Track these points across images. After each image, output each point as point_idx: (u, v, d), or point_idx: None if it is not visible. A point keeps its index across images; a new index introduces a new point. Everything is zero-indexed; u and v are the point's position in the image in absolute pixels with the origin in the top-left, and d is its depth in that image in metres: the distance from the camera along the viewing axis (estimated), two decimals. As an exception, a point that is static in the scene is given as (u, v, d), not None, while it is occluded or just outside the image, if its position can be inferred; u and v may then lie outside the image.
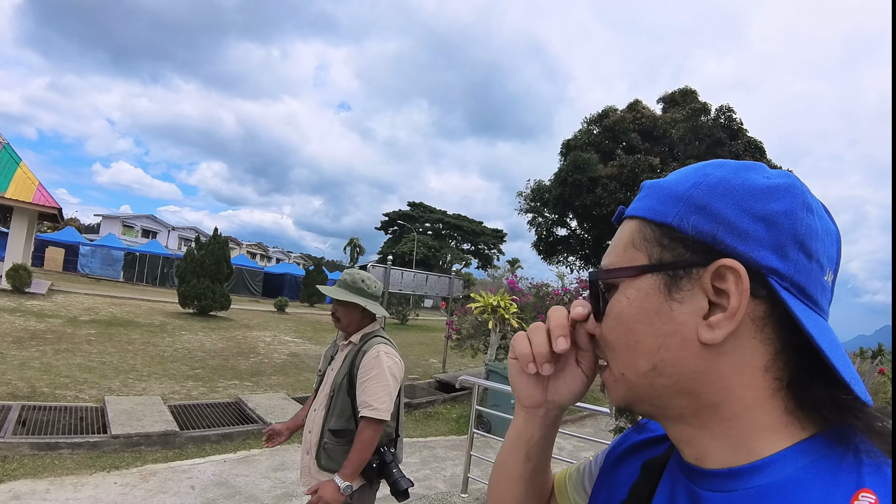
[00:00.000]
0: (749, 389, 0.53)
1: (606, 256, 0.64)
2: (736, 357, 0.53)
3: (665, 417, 0.60)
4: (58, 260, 31.29)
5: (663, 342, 0.55)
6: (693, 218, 0.54)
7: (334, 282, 3.02)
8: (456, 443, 7.26)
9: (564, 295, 11.51)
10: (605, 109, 28.89)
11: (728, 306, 0.51)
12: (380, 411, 2.51)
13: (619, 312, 0.59)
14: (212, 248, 17.99)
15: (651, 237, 0.57)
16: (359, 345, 2.73)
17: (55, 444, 5.21)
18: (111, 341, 11.09)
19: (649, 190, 0.61)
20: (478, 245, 69.51)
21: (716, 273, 0.52)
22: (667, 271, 0.55)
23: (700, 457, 0.57)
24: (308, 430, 2.76)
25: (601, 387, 0.66)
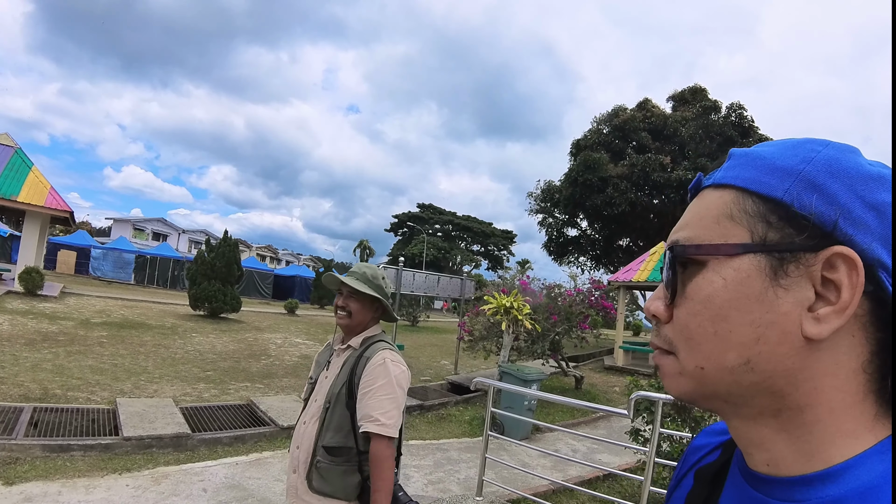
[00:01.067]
0: (839, 392, 0.48)
1: (686, 228, 0.55)
2: (831, 355, 0.47)
3: (737, 416, 0.53)
4: (70, 263, 31.53)
5: (762, 334, 0.48)
6: (808, 196, 0.48)
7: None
8: (469, 445, 7.20)
9: (577, 296, 11.44)
10: (614, 109, 28.83)
11: (838, 299, 0.46)
12: (388, 427, 2.20)
13: (710, 296, 0.50)
14: (222, 250, 18.04)
15: (754, 211, 0.50)
16: (359, 350, 2.42)
17: (67, 446, 5.18)
18: (123, 343, 11.11)
19: (744, 158, 0.54)
20: (488, 246, 69.50)
21: (827, 261, 0.46)
22: (773, 253, 0.48)
23: (773, 462, 0.51)
24: (296, 446, 2.40)
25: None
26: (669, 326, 0.55)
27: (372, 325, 2.54)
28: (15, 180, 16.80)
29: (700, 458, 0.71)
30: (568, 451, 7.44)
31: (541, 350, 10.75)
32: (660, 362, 0.57)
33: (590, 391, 12.21)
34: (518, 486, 5.40)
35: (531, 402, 7.85)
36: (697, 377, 0.52)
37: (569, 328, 11.20)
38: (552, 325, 10.87)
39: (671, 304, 0.55)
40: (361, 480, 2.25)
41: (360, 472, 2.25)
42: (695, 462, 0.71)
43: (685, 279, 0.53)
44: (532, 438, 7.99)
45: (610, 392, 12.74)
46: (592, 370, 16.29)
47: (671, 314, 0.55)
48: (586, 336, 11.64)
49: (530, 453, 6.91)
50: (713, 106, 26.84)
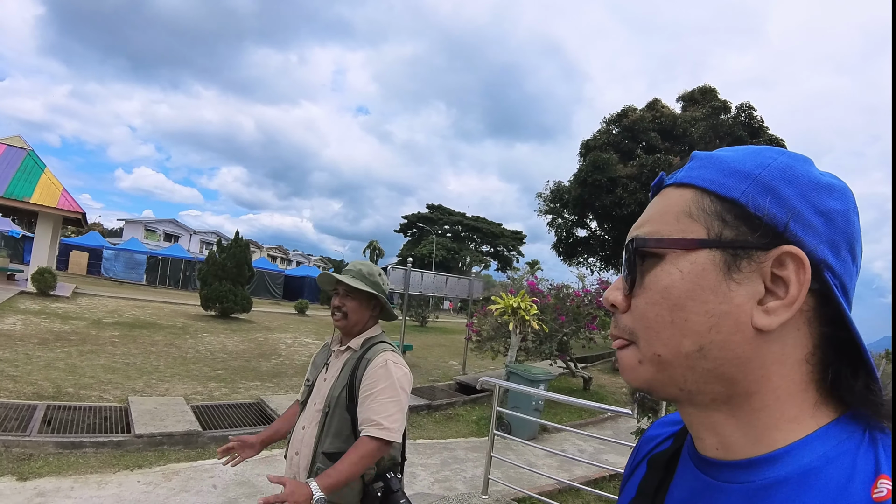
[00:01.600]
0: (784, 380, 0.52)
1: (648, 224, 0.59)
2: (779, 347, 0.51)
3: (691, 403, 0.57)
4: (82, 264, 31.76)
5: (716, 323, 0.52)
6: (763, 199, 0.52)
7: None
8: (476, 444, 7.23)
9: (585, 297, 11.45)
10: (623, 109, 28.71)
11: (786, 294, 0.50)
12: (391, 431, 2.10)
13: (668, 286, 0.54)
14: (233, 251, 18.15)
15: (711, 210, 0.54)
16: (360, 351, 2.33)
17: (80, 443, 5.27)
18: (134, 343, 11.21)
19: (705, 160, 0.58)
20: (497, 247, 69.32)
21: (777, 259, 0.50)
22: (728, 249, 0.52)
23: (723, 446, 0.55)
24: (294, 451, 2.29)
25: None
26: (628, 316, 0.58)
27: (371, 325, 2.46)
28: (28, 182, 16.98)
29: (653, 448, 0.74)
30: (574, 451, 7.46)
31: (549, 350, 10.77)
32: (620, 354, 0.60)
33: (598, 392, 12.20)
34: (524, 486, 5.42)
35: (538, 403, 7.87)
36: (655, 364, 0.55)
37: (577, 329, 11.22)
38: (560, 325, 10.88)
39: (629, 294, 0.58)
40: (363, 485, 2.17)
41: (362, 476, 2.16)
42: (648, 451, 0.75)
43: (644, 271, 0.56)
44: (539, 438, 8.01)
45: (618, 393, 12.71)
46: (601, 371, 16.27)
47: (629, 304, 0.58)
48: (594, 337, 11.66)
49: (537, 453, 6.93)
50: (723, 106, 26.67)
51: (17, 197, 16.44)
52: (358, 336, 2.40)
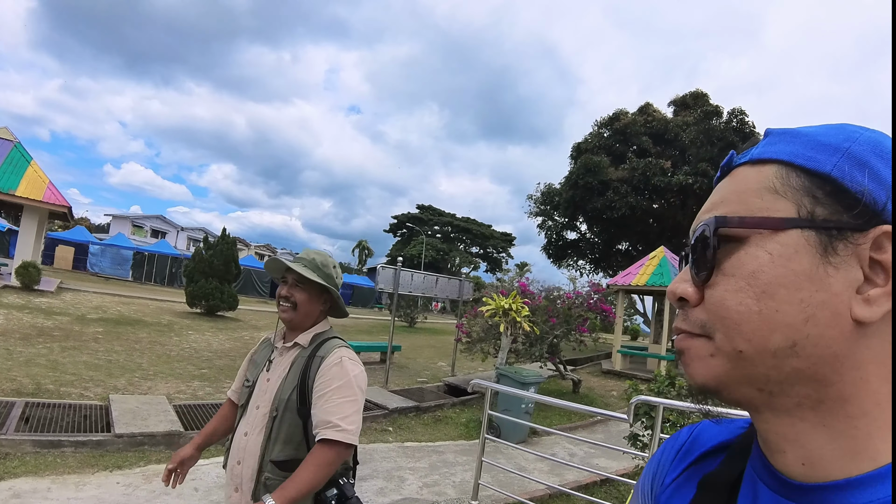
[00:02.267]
0: (885, 382, 0.44)
1: (723, 205, 0.51)
2: (879, 342, 0.44)
3: (771, 408, 0.48)
4: (67, 258, 31.45)
5: (812, 314, 0.44)
6: (859, 173, 0.45)
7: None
8: (465, 448, 7.14)
9: (576, 298, 11.41)
10: (615, 112, 28.83)
11: (887, 281, 0.43)
12: (350, 433, 1.94)
13: (755, 271, 0.46)
14: (220, 248, 18.00)
15: (800, 185, 0.47)
16: (310, 349, 2.15)
17: (58, 442, 5.12)
18: (118, 340, 11.05)
19: (784, 135, 0.51)
20: (487, 248, 69.53)
21: (875, 241, 0.44)
22: (821, 229, 0.45)
23: (810, 461, 0.46)
24: (236, 461, 2.08)
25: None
26: (701, 309, 0.50)
27: (321, 321, 2.28)
28: (13, 174, 16.75)
29: (698, 459, 0.64)
30: (565, 455, 7.38)
31: (539, 353, 10.72)
32: (686, 345, 0.51)
33: (587, 395, 12.17)
34: (514, 490, 5.34)
35: (528, 405, 7.80)
36: (733, 359, 0.47)
37: (567, 331, 11.17)
38: (550, 327, 10.83)
39: (704, 283, 0.50)
40: (315, 493, 1.98)
41: None
42: (693, 462, 0.64)
43: (722, 256, 0.49)
44: (529, 442, 7.93)
45: (608, 396, 12.69)
46: (590, 374, 16.25)
47: (702, 295, 0.50)
48: (585, 339, 11.61)
49: (527, 457, 6.86)
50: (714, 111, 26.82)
51: (1, 189, 16.18)
52: (306, 332, 2.20)
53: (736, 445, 0.60)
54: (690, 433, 0.68)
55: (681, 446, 0.68)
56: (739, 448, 0.59)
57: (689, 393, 0.53)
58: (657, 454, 0.71)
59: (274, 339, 2.30)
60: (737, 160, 0.54)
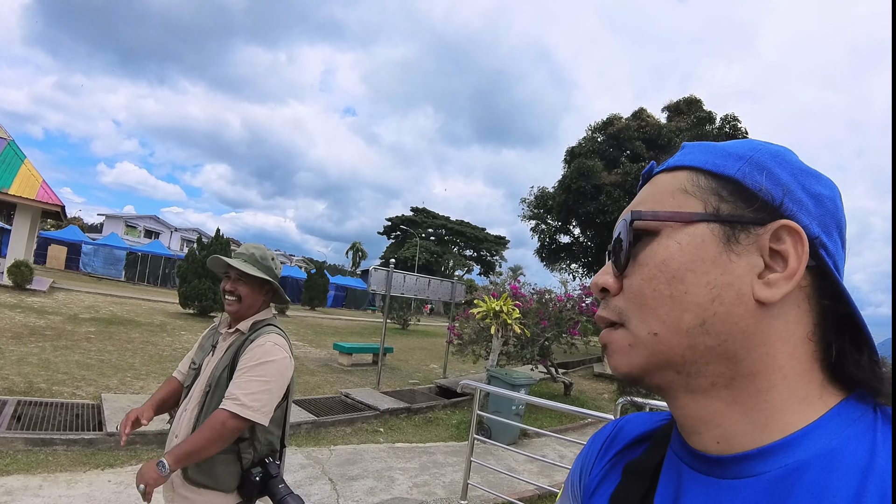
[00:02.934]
0: (790, 359, 0.50)
1: (641, 205, 0.58)
2: (782, 322, 0.50)
3: (688, 390, 0.53)
4: (60, 258, 31.32)
5: (718, 294, 0.50)
6: (758, 175, 0.52)
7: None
8: (456, 449, 7.18)
9: (567, 301, 11.45)
10: (609, 117, 28.89)
11: (785, 268, 0.49)
12: (248, 409, 2.04)
13: (666, 259, 0.52)
14: (214, 248, 17.93)
15: (707, 186, 0.54)
16: (247, 334, 2.29)
17: (50, 440, 5.14)
18: (110, 340, 11.04)
19: (697, 147, 0.58)
20: (480, 251, 69.49)
21: (774, 233, 0.50)
22: (725, 223, 0.51)
23: (725, 438, 0.52)
24: (174, 434, 2.22)
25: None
26: (620, 297, 0.56)
27: (263, 309, 2.42)
28: (7, 173, 16.72)
29: (622, 449, 0.69)
30: (555, 456, 7.43)
31: (530, 355, 10.75)
32: (609, 338, 0.57)
33: (579, 398, 12.22)
34: (503, 491, 5.38)
35: (519, 407, 7.84)
36: (650, 345, 0.53)
37: (558, 333, 11.20)
38: (542, 330, 10.87)
39: (621, 274, 0.56)
40: (241, 471, 2.16)
41: (239, 461, 2.16)
42: (618, 452, 0.69)
43: (638, 248, 0.55)
44: (519, 443, 7.98)
45: (599, 399, 12.75)
46: (582, 377, 16.31)
47: (621, 285, 0.56)
48: (576, 342, 11.64)
49: (517, 458, 6.90)
50: (707, 117, 26.97)
51: (-6, 188, 16.17)
52: (247, 319, 2.34)
53: (658, 434, 0.66)
54: (615, 426, 0.73)
55: (606, 439, 0.72)
56: (661, 436, 0.64)
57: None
58: (584, 449, 0.75)
59: (219, 325, 2.47)
60: (656, 170, 0.61)
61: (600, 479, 0.68)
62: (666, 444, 0.62)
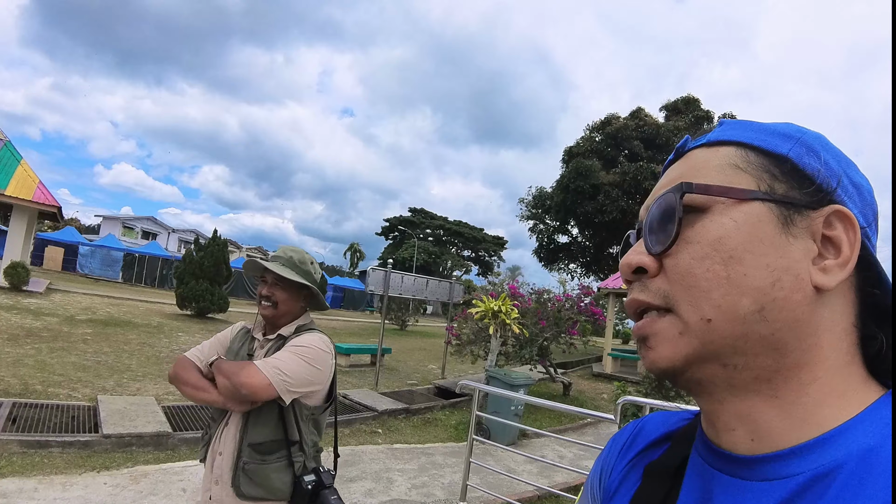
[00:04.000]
0: (834, 350, 0.48)
1: (686, 177, 0.53)
2: (830, 312, 0.48)
3: (729, 384, 0.49)
4: (57, 259, 31.25)
5: (778, 278, 0.46)
6: (811, 157, 0.50)
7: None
8: (455, 449, 7.15)
9: (566, 301, 11.43)
10: (607, 117, 28.97)
11: (839, 255, 0.47)
12: (282, 376, 1.95)
13: (721, 237, 0.48)
14: (211, 249, 17.92)
15: (759, 163, 0.50)
16: (288, 338, 2.19)
17: (45, 443, 5.09)
18: (107, 341, 10.99)
19: (738, 123, 0.55)
20: (478, 252, 69.51)
21: (826, 220, 0.48)
22: (780, 203, 0.48)
23: (759, 436, 0.48)
24: (217, 452, 2.07)
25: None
26: (661, 278, 0.51)
27: (301, 314, 2.32)
28: (3, 173, 16.64)
29: (644, 449, 0.66)
30: (555, 457, 7.39)
31: (529, 355, 10.73)
32: (653, 328, 0.51)
33: (578, 398, 12.19)
34: (503, 492, 5.35)
35: (518, 407, 7.81)
36: (702, 333, 0.48)
37: (557, 333, 11.18)
38: (540, 329, 10.84)
39: (665, 252, 0.51)
40: (294, 477, 2.06)
41: (291, 466, 2.06)
42: (639, 452, 0.66)
43: (685, 225, 0.50)
44: (518, 444, 7.94)
45: (598, 399, 12.72)
46: (581, 377, 16.28)
47: (660, 265, 0.52)
48: (575, 342, 11.62)
49: (516, 459, 6.87)
50: (705, 116, 27.06)
51: (-10, 189, 16.11)
52: (290, 325, 2.25)
53: (679, 434, 0.62)
54: (635, 427, 0.70)
55: (626, 440, 0.69)
56: (683, 436, 0.61)
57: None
58: (604, 450, 0.72)
59: (253, 330, 2.34)
60: (691, 144, 0.57)
61: (620, 481, 0.65)
62: (688, 445, 0.58)
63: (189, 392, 2.07)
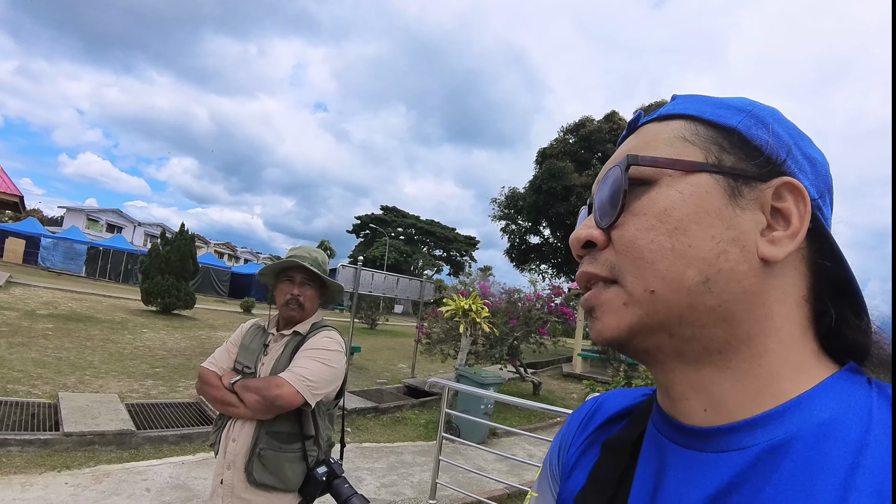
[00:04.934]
0: (786, 322, 0.48)
1: (636, 150, 0.53)
2: (781, 283, 0.48)
3: (678, 354, 0.50)
4: (18, 252, 30.43)
5: (724, 250, 0.46)
6: (760, 129, 0.50)
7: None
8: (424, 448, 7.12)
9: (537, 301, 11.48)
10: (581, 119, 29.20)
11: (788, 227, 0.47)
12: (305, 381, 2.07)
13: (667, 209, 0.48)
14: (178, 244, 17.62)
15: (707, 136, 0.50)
16: (304, 335, 2.31)
17: (3, 441, 4.94)
18: (69, 336, 10.73)
19: (690, 97, 0.55)
20: (450, 251, 69.57)
21: (776, 191, 0.48)
22: (728, 175, 0.48)
23: (714, 407, 0.49)
24: (231, 439, 2.15)
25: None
26: (609, 251, 0.52)
27: (316, 312, 2.45)
28: (-39, 164, 16.19)
29: (598, 428, 0.66)
30: (524, 455, 7.41)
31: (499, 354, 10.76)
32: (598, 298, 0.52)
33: (547, 397, 12.27)
34: (473, 490, 5.35)
35: (488, 406, 7.82)
36: (646, 303, 0.48)
37: (527, 333, 11.23)
38: (510, 329, 10.88)
39: (612, 225, 0.51)
40: (306, 470, 2.17)
41: (305, 460, 2.16)
42: (596, 428, 0.66)
43: (630, 198, 0.51)
44: (488, 443, 7.95)
45: (568, 398, 12.82)
46: (551, 377, 16.40)
47: (608, 238, 0.52)
48: (545, 342, 11.68)
49: (486, 457, 6.88)
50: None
51: (-53, 178, 15.66)
52: (305, 322, 2.36)
53: (638, 410, 0.62)
54: (594, 403, 0.70)
55: (584, 416, 0.69)
56: (641, 412, 0.61)
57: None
58: (563, 427, 0.73)
59: (268, 326, 2.45)
60: (644, 119, 0.57)
61: (578, 457, 0.65)
62: (646, 420, 0.59)
63: (217, 407, 2.20)
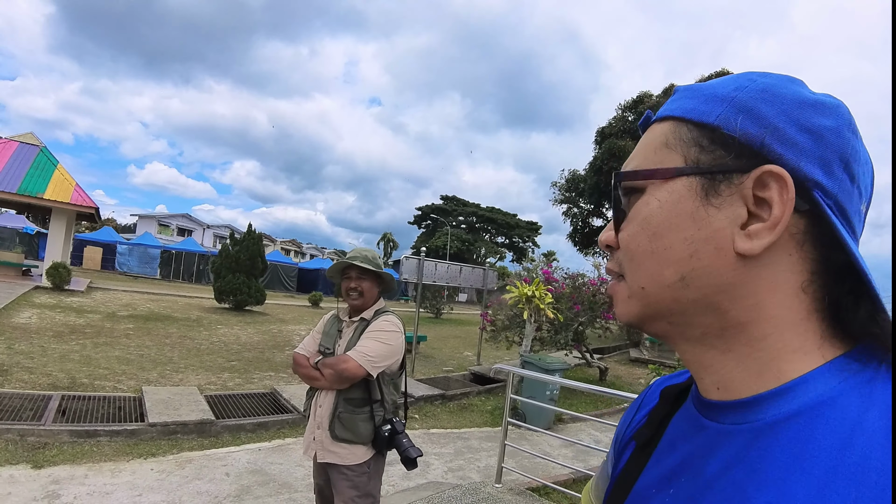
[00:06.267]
0: (782, 309, 0.49)
1: (631, 160, 0.58)
2: (771, 272, 0.49)
3: (684, 338, 0.55)
4: (96, 259, 31.92)
5: (696, 249, 0.50)
6: (739, 119, 0.49)
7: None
8: (490, 434, 7.18)
9: (601, 285, 11.33)
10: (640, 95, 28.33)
11: (770, 216, 0.47)
12: (366, 357, 2.60)
13: (648, 216, 0.53)
14: (246, 243, 18.18)
15: (688, 137, 0.52)
16: (369, 320, 2.82)
17: (94, 432, 5.27)
18: (149, 335, 11.27)
19: (685, 91, 0.56)
20: (512, 238, 68.99)
21: (758, 180, 0.48)
22: (705, 174, 0.50)
23: (723, 384, 0.53)
24: (318, 405, 2.75)
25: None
26: (620, 251, 0.58)
27: (377, 300, 2.94)
28: (41, 178, 17.12)
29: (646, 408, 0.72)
30: (591, 441, 7.38)
31: (564, 340, 10.68)
32: (613, 290, 0.60)
33: (614, 383, 12.13)
34: (538, 475, 5.36)
35: (553, 392, 7.81)
36: (642, 297, 0.55)
37: (592, 318, 11.11)
38: (575, 314, 10.78)
39: (618, 230, 0.58)
40: (374, 427, 2.67)
41: (373, 419, 2.67)
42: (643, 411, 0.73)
43: (628, 206, 0.56)
44: (554, 428, 7.94)
45: (635, 384, 12.63)
46: (617, 362, 16.18)
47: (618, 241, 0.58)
48: (610, 326, 11.54)
49: (552, 442, 6.88)
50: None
51: (30, 193, 16.61)
52: (369, 309, 2.86)
53: (674, 388, 0.66)
54: (654, 385, 0.76)
55: (643, 397, 0.76)
56: (684, 389, 0.65)
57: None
58: (630, 408, 0.79)
59: (340, 314, 2.99)
60: (653, 118, 0.60)
61: (633, 431, 0.71)
62: (679, 396, 0.64)
63: (307, 381, 2.80)
